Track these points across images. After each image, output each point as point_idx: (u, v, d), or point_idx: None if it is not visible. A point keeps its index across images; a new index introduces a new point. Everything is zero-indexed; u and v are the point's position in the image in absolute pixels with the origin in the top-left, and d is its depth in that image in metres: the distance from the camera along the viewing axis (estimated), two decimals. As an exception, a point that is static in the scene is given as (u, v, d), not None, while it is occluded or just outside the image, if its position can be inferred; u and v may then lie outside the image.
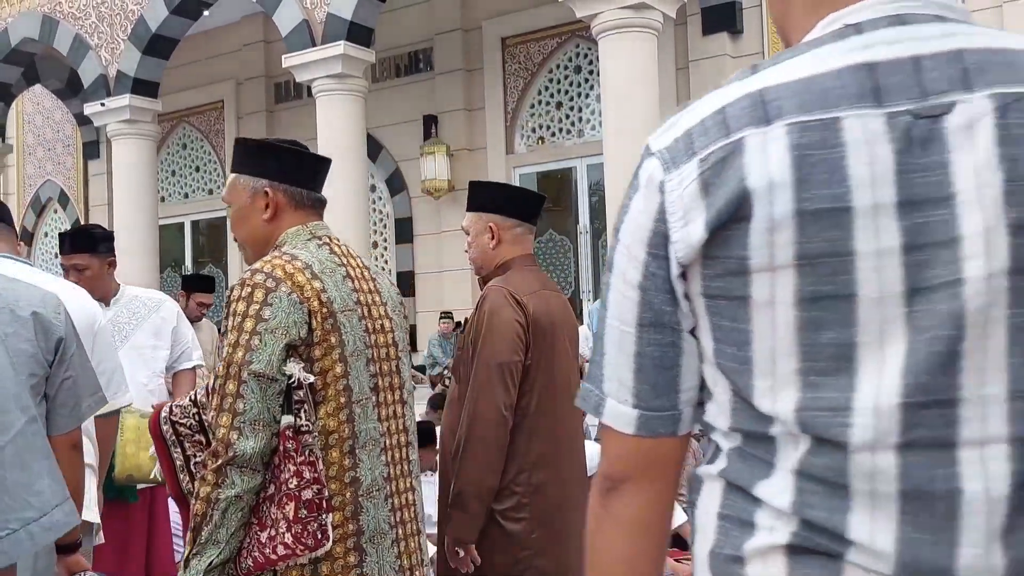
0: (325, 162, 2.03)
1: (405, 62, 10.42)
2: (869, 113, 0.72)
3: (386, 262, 10.55)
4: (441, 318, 9.06)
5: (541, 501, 2.19)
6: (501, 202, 2.39)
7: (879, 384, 0.72)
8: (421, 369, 8.37)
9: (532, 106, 9.66)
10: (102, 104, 10.04)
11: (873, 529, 0.73)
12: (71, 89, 12.60)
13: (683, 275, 0.78)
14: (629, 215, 0.80)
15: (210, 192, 12.14)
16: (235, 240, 1.99)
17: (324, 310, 1.72)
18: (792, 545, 0.75)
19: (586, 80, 9.51)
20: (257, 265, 1.75)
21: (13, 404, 1.64)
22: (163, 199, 11.79)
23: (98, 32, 10.33)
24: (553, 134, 9.58)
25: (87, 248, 3.15)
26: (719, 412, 0.81)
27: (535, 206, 2.46)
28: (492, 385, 2.13)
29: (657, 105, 7.37)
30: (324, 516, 1.66)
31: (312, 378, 1.69)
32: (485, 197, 2.43)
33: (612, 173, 7.28)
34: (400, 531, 1.85)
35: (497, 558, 2.18)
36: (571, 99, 9.55)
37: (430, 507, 2.44)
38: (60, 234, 3.32)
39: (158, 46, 9.87)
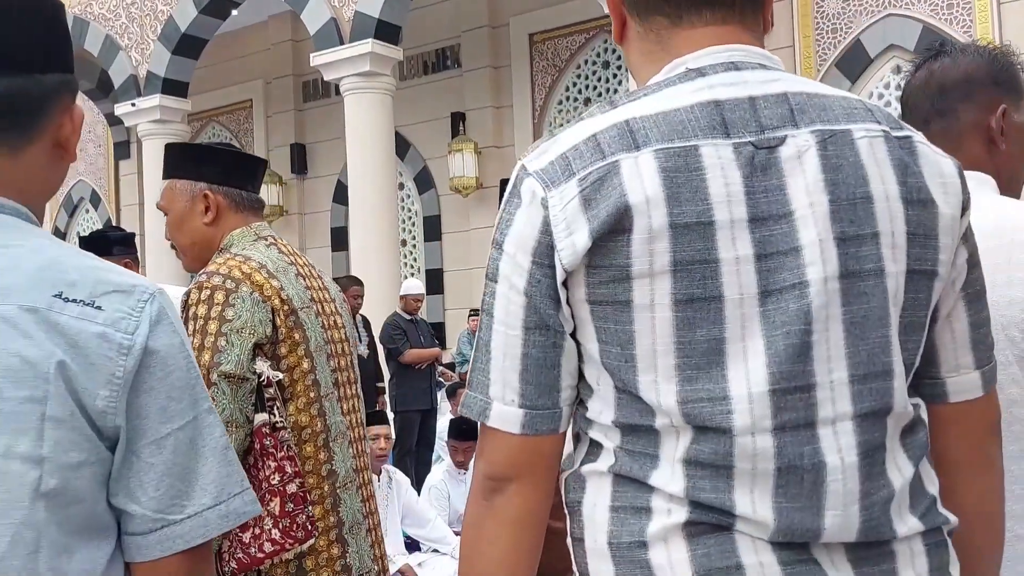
0: (262, 163, 2.04)
1: (432, 59, 10.41)
2: (720, 143, 0.84)
3: (415, 260, 10.56)
4: (470, 315, 9.05)
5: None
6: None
7: (748, 375, 0.83)
8: (451, 366, 8.36)
9: (560, 102, 9.62)
10: (133, 104, 10.12)
11: (755, 502, 0.83)
12: (102, 90, 12.72)
13: (565, 283, 0.86)
14: (513, 228, 0.88)
15: (239, 191, 12.22)
16: (172, 247, 1.97)
17: (285, 307, 1.75)
18: (690, 522, 0.84)
19: (614, 75, 9.45)
20: (211, 268, 1.76)
21: None
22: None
23: (128, 33, 10.42)
24: (581, 130, 9.53)
25: (101, 253, 3.18)
26: (604, 407, 0.88)
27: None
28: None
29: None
30: (309, 508, 1.69)
31: (281, 375, 1.72)
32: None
33: (642, 169, 7.23)
34: (371, 521, 1.89)
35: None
36: (599, 95, 9.49)
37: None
38: (92, 238, 3.31)
39: (187, 46, 9.94)
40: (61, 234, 14.72)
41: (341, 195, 10.68)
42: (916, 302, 0.87)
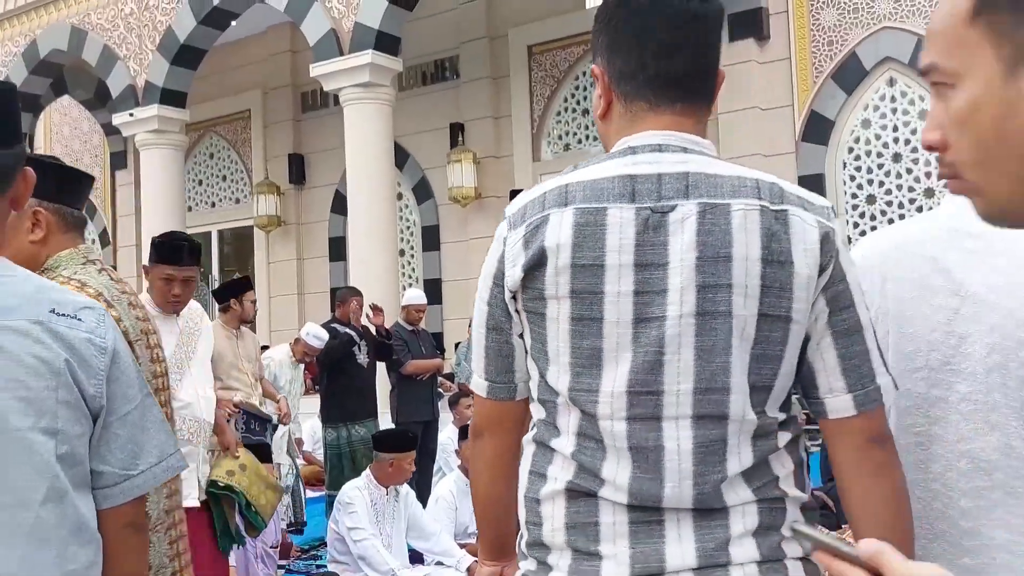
0: (89, 179, 1.94)
1: (431, 70, 10.44)
2: (625, 207, 1.11)
3: (413, 270, 10.57)
4: (470, 326, 9.04)
5: None
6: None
7: (615, 378, 1.11)
8: (450, 377, 8.35)
9: (559, 113, 9.65)
10: (131, 114, 10.12)
11: (617, 471, 1.12)
12: (99, 100, 12.72)
13: (514, 297, 1.18)
14: (487, 260, 1.22)
15: (237, 202, 12.21)
16: None
17: (124, 340, 1.71)
18: (568, 490, 1.14)
19: (612, 87, 9.49)
20: None
21: None
22: (190, 208, 11.86)
23: (126, 43, 10.43)
24: (579, 141, 9.55)
25: (199, 261, 3.10)
26: (535, 386, 1.20)
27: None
28: None
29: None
30: None
31: None
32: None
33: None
34: (178, 563, 1.88)
35: None
36: (597, 106, 9.52)
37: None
38: (174, 244, 3.01)
39: (186, 56, 9.95)
40: (57, 244, 14.68)
41: (339, 205, 10.69)
42: (769, 339, 1.11)
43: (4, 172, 1.22)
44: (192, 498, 2.66)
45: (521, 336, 1.21)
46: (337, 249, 11.12)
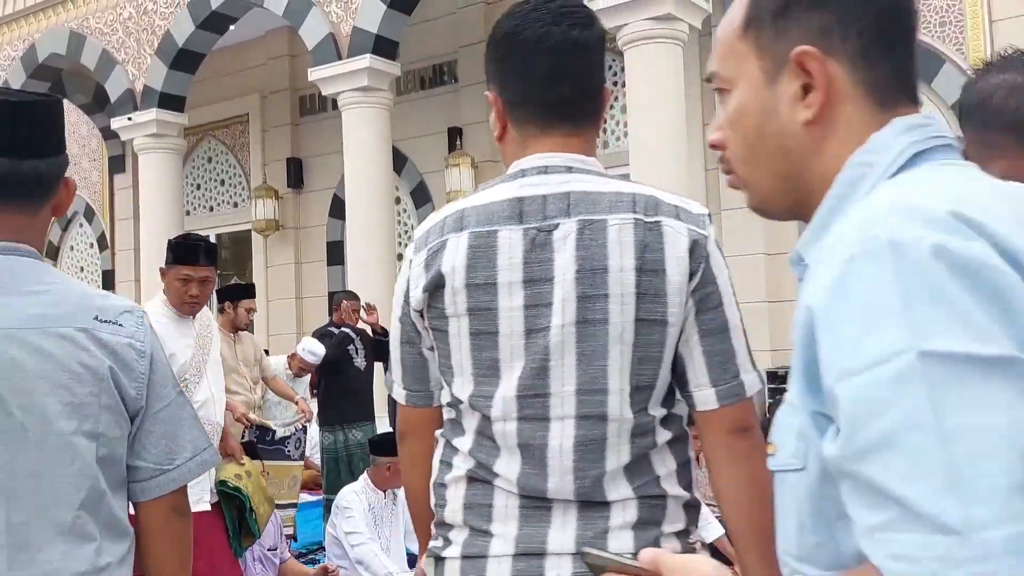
0: None
1: (430, 75, 10.45)
2: (514, 228, 1.22)
3: (410, 274, 10.57)
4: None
5: None
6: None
7: (508, 384, 1.23)
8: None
9: (556, 118, 9.65)
10: (129, 118, 10.12)
11: (508, 465, 1.24)
12: (97, 104, 12.73)
13: (420, 315, 1.29)
14: (399, 279, 1.34)
15: (235, 205, 12.21)
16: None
17: None
18: (468, 476, 1.28)
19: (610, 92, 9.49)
20: None
21: None
22: (188, 212, 11.86)
23: (125, 47, 10.43)
24: (577, 145, 9.56)
25: (216, 261, 3.10)
26: (446, 394, 1.33)
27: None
28: None
29: (683, 116, 7.34)
30: None
31: None
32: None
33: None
34: None
35: None
36: (595, 110, 9.53)
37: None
38: (190, 244, 3.03)
39: (185, 60, 9.96)
40: (55, 248, 14.68)
41: (337, 209, 10.69)
42: (648, 341, 1.21)
43: (48, 181, 1.30)
44: (204, 502, 2.67)
45: (431, 349, 1.33)
46: (335, 253, 11.12)
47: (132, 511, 1.38)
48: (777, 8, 0.83)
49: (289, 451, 5.24)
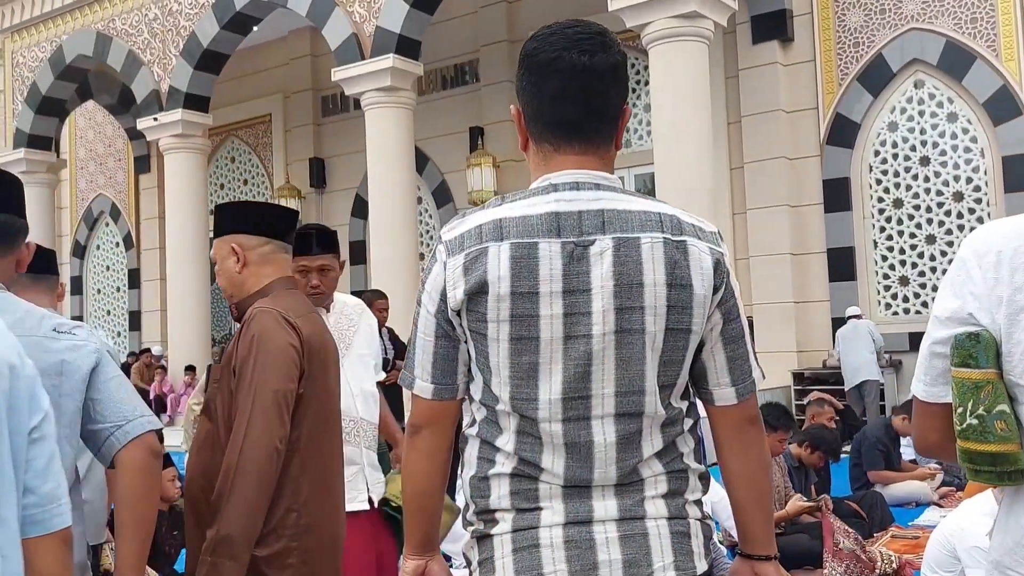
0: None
1: (451, 74, 10.44)
2: (553, 241, 1.32)
3: (433, 274, 10.57)
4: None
5: (311, 544, 2.00)
6: (243, 220, 2.18)
7: (551, 387, 1.33)
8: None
9: (579, 117, 9.61)
10: (155, 119, 10.19)
11: (553, 461, 1.35)
12: (123, 104, 12.83)
13: (457, 314, 1.36)
14: (430, 276, 1.39)
15: (258, 205, 12.27)
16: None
17: None
18: (513, 472, 1.37)
19: (633, 90, 9.44)
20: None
21: None
22: (212, 211, 11.93)
23: (150, 48, 10.50)
24: (600, 144, 9.52)
25: (333, 248, 2.97)
26: (477, 390, 1.41)
27: (285, 221, 2.24)
28: (267, 416, 1.92)
29: (708, 114, 7.27)
30: None
31: None
32: (226, 218, 2.19)
33: (662, 182, 7.20)
34: None
35: None
36: (619, 109, 9.48)
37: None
38: (301, 233, 2.91)
39: (209, 61, 10.01)
40: (82, 247, 14.81)
41: (359, 209, 10.71)
42: (675, 347, 1.36)
43: (16, 230, 1.65)
44: (359, 501, 2.56)
45: (465, 342, 1.40)
46: (357, 252, 11.14)
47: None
48: None
49: None
